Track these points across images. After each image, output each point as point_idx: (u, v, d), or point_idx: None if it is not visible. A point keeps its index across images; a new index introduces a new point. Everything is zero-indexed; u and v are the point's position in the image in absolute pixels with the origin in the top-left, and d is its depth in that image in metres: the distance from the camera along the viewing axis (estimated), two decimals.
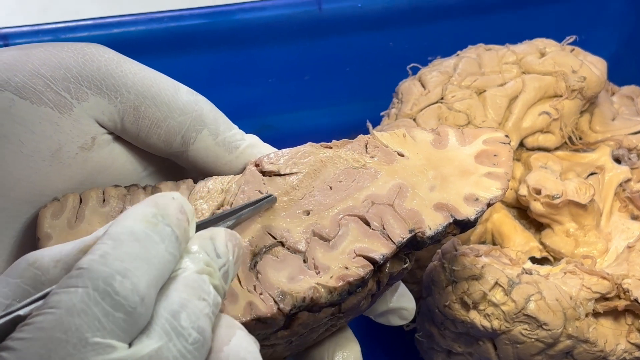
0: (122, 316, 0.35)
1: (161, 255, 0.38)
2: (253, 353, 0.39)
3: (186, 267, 0.39)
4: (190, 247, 0.40)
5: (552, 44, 0.77)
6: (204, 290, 0.39)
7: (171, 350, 0.36)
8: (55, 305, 0.35)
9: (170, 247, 0.39)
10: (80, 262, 0.36)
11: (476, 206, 0.51)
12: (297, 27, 0.84)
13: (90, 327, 0.35)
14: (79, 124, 0.50)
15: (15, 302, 0.38)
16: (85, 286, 0.35)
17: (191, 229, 0.41)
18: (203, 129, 0.52)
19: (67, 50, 0.50)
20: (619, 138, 0.74)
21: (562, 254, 0.69)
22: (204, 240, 0.41)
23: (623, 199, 0.71)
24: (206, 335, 0.38)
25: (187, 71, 0.74)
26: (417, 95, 0.74)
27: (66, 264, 0.39)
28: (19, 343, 0.34)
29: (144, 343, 0.36)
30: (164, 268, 0.38)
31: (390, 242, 0.49)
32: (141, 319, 0.36)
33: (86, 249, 0.38)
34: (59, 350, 0.34)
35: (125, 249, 0.37)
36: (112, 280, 0.36)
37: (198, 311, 0.38)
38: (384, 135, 0.55)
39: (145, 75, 0.51)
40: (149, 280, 0.37)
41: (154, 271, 0.37)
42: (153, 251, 0.38)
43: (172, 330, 0.37)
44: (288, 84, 0.86)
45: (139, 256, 0.37)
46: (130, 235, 0.37)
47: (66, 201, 0.50)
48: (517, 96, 0.73)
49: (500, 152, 0.55)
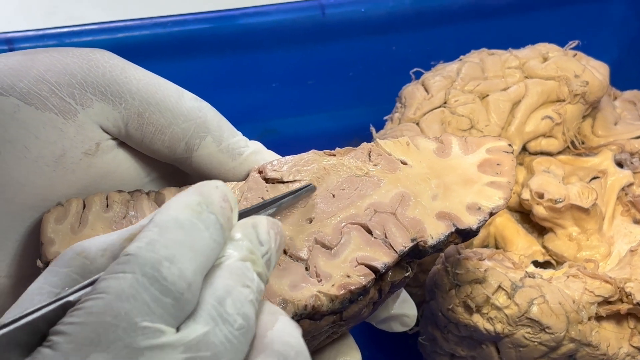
0: (170, 301, 0.36)
1: (206, 243, 0.38)
2: (296, 337, 0.40)
3: (230, 255, 0.40)
4: (233, 235, 0.41)
5: (554, 48, 0.77)
6: (247, 277, 0.39)
7: (217, 335, 0.37)
8: (104, 290, 0.35)
9: (215, 234, 0.39)
10: (128, 249, 0.37)
11: (478, 215, 0.51)
12: (301, 32, 0.84)
13: (140, 312, 0.35)
14: (83, 130, 0.50)
15: (64, 290, 0.38)
16: (133, 272, 0.36)
17: (234, 217, 0.41)
18: (207, 136, 0.52)
19: (72, 56, 0.50)
20: (621, 142, 0.74)
21: (565, 257, 0.69)
22: (247, 228, 0.41)
23: (625, 203, 0.71)
24: (251, 321, 0.38)
25: (190, 76, 0.74)
26: (420, 100, 0.74)
27: (113, 252, 0.39)
28: (70, 327, 0.35)
29: (192, 328, 0.37)
30: (209, 255, 0.39)
31: (392, 250, 0.49)
32: (188, 304, 0.37)
33: (132, 238, 0.39)
34: (109, 334, 0.35)
35: (171, 236, 0.37)
36: (160, 266, 0.36)
37: (242, 298, 0.38)
38: (387, 143, 0.55)
39: (149, 82, 0.51)
40: (195, 267, 0.37)
41: (199, 258, 0.38)
42: (198, 238, 0.38)
43: (218, 316, 0.37)
44: (291, 89, 0.86)
45: (184, 243, 0.37)
46: (175, 223, 0.38)
47: (70, 206, 0.50)
48: (519, 101, 0.73)
49: (503, 161, 0.54)
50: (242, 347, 0.38)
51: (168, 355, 0.35)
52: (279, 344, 0.39)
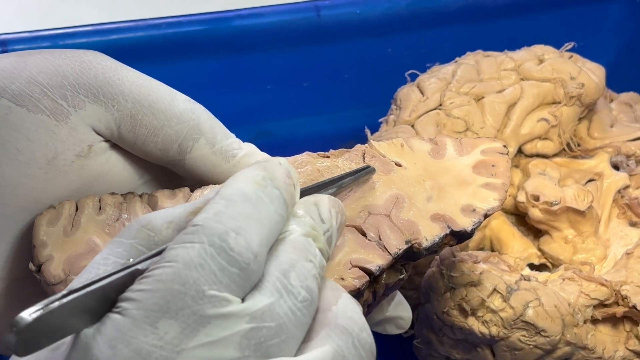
0: (237, 271, 0.37)
1: (271, 216, 0.40)
2: (359, 314, 0.41)
3: (293, 230, 0.41)
4: (296, 211, 0.42)
5: (550, 50, 0.77)
6: (310, 252, 0.40)
7: (282, 306, 0.38)
8: (173, 259, 0.36)
9: (279, 209, 0.40)
10: (195, 219, 0.38)
11: (473, 217, 0.51)
12: (296, 34, 0.84)
13: (207, 281, 0.36)
14: (76, 132, 0.50)
15: (128, 261, 0.39)
16: (201, 242, 0.37)
17: (296, 194, 0.42)
18: (200, 138, 0.52)
19: (65, 58, 0.50)
20: (617, 145, 0.74)
21: (561, 260, 0.68)
22: (309, 205, 0.42)
23: (621, 206, 0.71)
24: (314, 294, 0.39)
25: (185, 77, 0.74)
26: (415, 102, 0.74)
27: (178, 225, 0.40)
28: (139, 294, 0.36)
29: (257, 299, 0.37)
30: (273, 228, 0.40)
31: (387, 253, 0.49)
32: (254, 275, 0.38)
33: (197, 211, 0.40)
34: (177, 302, 0.36)
35: (238, 209, 0.38)
36: (227, 236, 0.37)
37: (306, 271, 0.39)
38: (381, 145, 0.55)
39: (142, 84, 0.51)
40: (260, 239, 0.38)
41: (265, 230, 0.39)
42: (264, 212, 0.39)
43: (282, 288, 0.38)
44: (286, 91, 0.86)
45: (251, 216, 0.38)
46: (241, 196, 0.39)
47: (62, 209, 0.50)
48: (515, 103, 0.73)
49: (498, 162, 0.54)
50: (305, 320, 0.39)
51: (234, 324, 0.36)
52: (343, 318, 0.40)
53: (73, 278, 0.47)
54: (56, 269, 0.47)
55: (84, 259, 0.48)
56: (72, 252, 0.48)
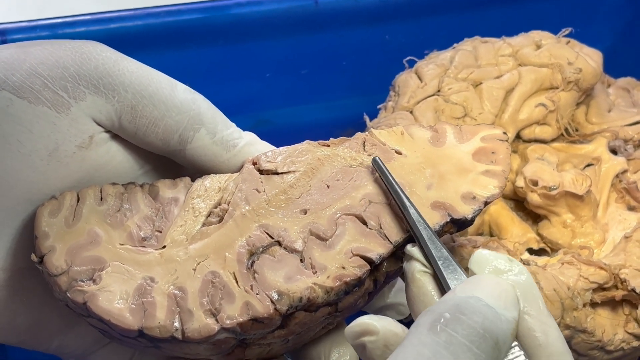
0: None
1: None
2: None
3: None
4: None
5: (547, 36, 0.77)
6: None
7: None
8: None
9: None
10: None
11: (473, 205, 0.51)
12: (294, 22, 0.84)
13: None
14: (77, 123, 0.50)
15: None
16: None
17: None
18: (200, 128, 0.52)
19: (65, 49, 0.50)
20: (615, 129, 0.74)
21: (560, 245, 0.69)
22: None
23: (620, 190, 0.71)
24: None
25: (184, 66, 0.74)
26: (413, 88, 0.74)
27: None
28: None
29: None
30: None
31: (387, 241, 0.49)
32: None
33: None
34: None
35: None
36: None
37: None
38: (381, 133, 0.55)
39: (142, 74, 0.51)
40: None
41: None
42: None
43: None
44: (285, 79, 0.86)
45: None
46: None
47: (64, 199, 0.50)
48: (513, 88, 0.73)
49: (498, 149, 0.54)
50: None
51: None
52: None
53: (75, 269, 0.47)
54: (58, 260, 0.47)
55: (86, 249, 0.48)
56: (74, 243, 0.48)
